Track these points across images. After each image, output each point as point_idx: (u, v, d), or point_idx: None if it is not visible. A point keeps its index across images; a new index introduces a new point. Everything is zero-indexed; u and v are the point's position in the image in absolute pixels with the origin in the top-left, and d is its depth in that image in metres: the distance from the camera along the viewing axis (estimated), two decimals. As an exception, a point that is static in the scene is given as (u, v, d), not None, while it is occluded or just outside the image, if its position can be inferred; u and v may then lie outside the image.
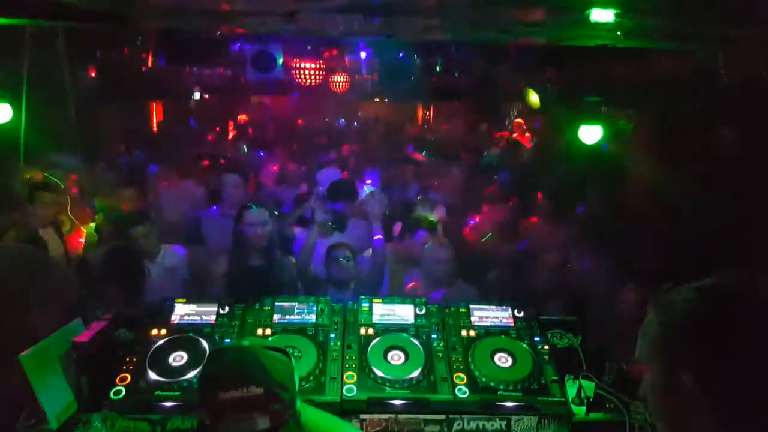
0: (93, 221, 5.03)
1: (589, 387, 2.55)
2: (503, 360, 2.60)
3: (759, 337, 1.05)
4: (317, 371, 2.51)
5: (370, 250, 4.33)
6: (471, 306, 2.92)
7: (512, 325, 2.84)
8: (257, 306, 2.88)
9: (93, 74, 7.07)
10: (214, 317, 2.80)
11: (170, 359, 2.54)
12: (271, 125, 12.29)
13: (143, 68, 8.02)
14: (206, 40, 7.79)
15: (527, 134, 10.34)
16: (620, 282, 3.96)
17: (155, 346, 2.59)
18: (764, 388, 1.02)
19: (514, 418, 2.45)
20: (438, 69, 9.03)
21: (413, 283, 4.35)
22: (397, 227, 5.07)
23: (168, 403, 2.39)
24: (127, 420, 2.37)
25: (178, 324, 2.77)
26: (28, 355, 2.32)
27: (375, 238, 4.20)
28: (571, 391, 2.54)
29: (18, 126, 4.16)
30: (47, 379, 2.36)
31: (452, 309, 2.91)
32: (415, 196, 6.12)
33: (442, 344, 2.69)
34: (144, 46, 7.49)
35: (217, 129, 11.10)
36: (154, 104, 11.12)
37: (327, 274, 4.09)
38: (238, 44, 8.35)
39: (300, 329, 2.75)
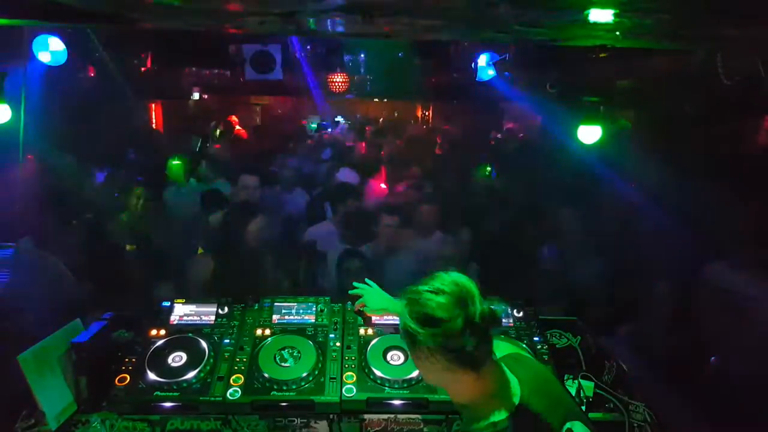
0: None
1: (588, 387, 2.56)
2: (502, 360, 2.60)
3: None
4: (317, 371, 2.51)
5: None
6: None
7: (511, 324, 2.84)
8: (256, 306, 2.88)
9: (92, 74, 7.06)
10: (213, 317, 2.81)
11: (169, 359, 2.54)
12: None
13: (142, 68, 8.02)
14: (205, 40, 7.78)
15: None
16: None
17: (154, 346, 2.60)
18: None
19: (513, 417, 2.45)
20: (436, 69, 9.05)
21: None
22: None
23: (167, 404, 2.39)
24: (126, 420, 2.38)
25: (177, 324, 2.77)
26: (27, 356, 2.32)
27: None
28: (571, 390, 2.54)
29: (17, 126, 4.15)
30: (46, 379, 2.36)
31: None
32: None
33: (441, 344, 2.69)
34: (143, 46, 7.48)
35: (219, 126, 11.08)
36: (153, 105, 11.12)
37: (338, 281, 4.00)
38: (237, 44, 8.33)
39: (299, 329, 2.75)
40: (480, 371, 1.64)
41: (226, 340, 2.68)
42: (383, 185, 6.14)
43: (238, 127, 10.89)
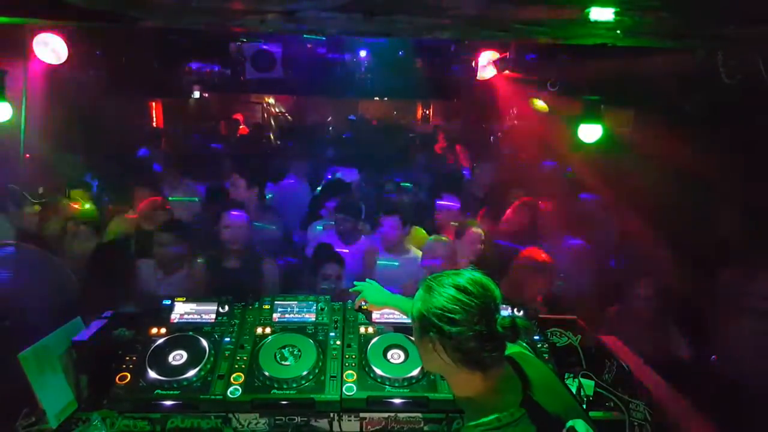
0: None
1: (588, 386, 2.56)
2: (503, 359, 2.60)
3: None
4: (317, 370, 2.52)
5: None
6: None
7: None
8: (257, 305, 2.88)
9: (92, 73, 7.06)
10: (213, 316, 2.81)
11: (170, 358, 2.54)
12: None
13: (143, 67, 8.02)
14: (206, 39, 7.79)
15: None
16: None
17: (155, 344, 2.60)
18: None
19: (513, 416, 2.45)
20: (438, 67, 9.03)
21: None
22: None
23: (168, 402, 2.39)
24: (126, 419, 2.38)
25: (177, 323, 2.77)
26: (28, 354, 2.32)
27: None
28: (571, 389, 2.54)
29: (18, 125, 4.16)
30: (47, 378, 2.36)
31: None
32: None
33: (441, 343, 2.69)
34: (143, 44, 7.48)
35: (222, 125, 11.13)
36: (154, 103, 11.14)
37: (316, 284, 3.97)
38: (238, 43, 8.34)
39: (300, 328, 2.75)
40: (487, 373, 1.63)
41: (227, 339, 2.68)
42: None
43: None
